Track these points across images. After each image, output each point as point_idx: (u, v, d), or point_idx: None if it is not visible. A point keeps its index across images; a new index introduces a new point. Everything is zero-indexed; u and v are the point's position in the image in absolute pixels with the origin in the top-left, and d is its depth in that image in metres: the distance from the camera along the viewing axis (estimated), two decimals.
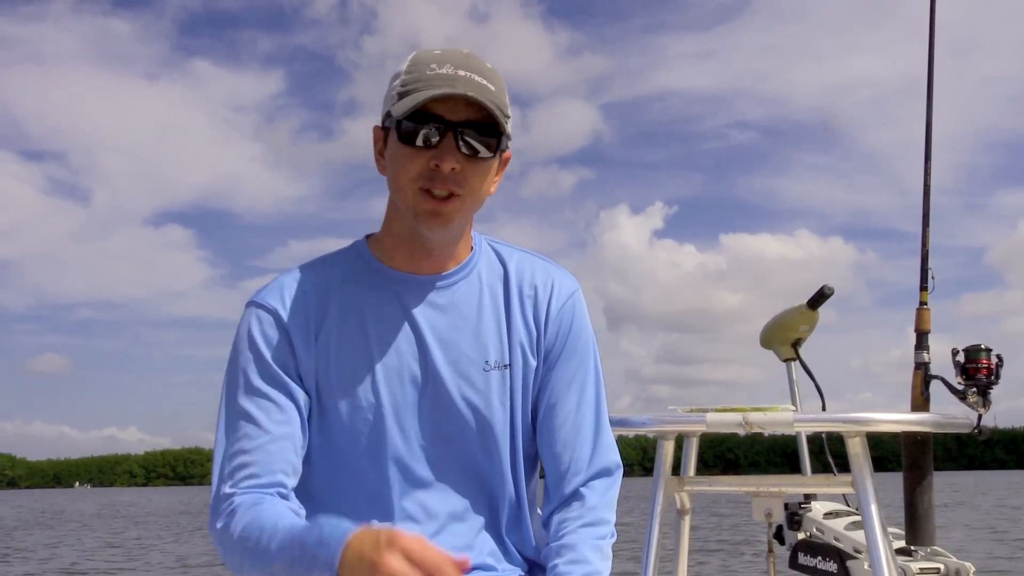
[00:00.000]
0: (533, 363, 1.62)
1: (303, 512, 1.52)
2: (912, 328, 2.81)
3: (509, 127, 1.54)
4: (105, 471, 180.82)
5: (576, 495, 1.61)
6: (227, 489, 1.48)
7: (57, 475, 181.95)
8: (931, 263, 2.85)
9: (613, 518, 1.63)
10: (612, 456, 1.66)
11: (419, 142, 1.48)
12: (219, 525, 1.47)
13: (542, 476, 1.71)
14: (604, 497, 1.63)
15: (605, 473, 1.64)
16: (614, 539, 1.62)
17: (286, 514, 1.44)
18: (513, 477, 1.62)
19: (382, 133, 1.57)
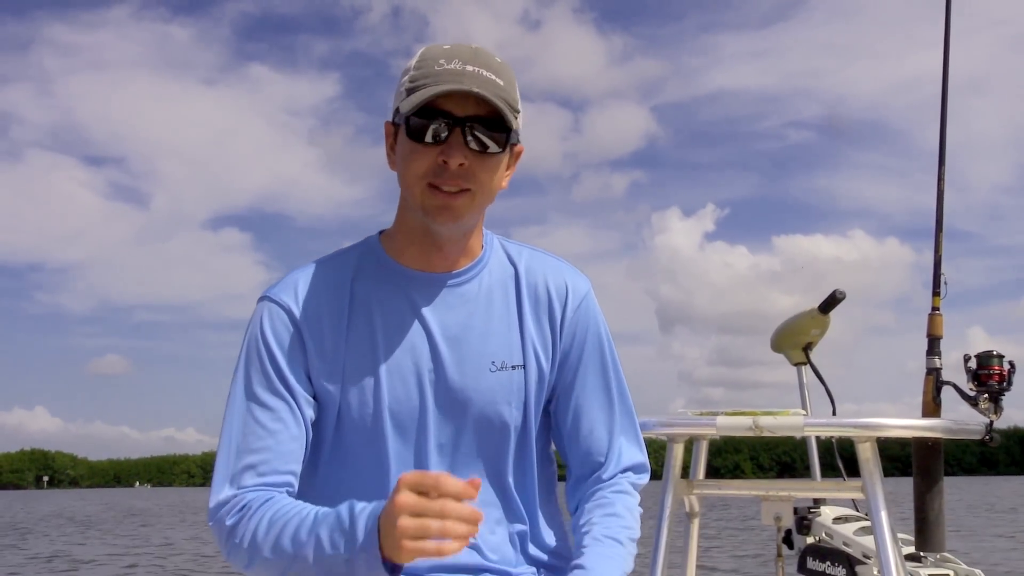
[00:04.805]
0: (546, 365, 1.63)
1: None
2: (972, 336, 2.81)
3: (519, 121, 1.52)
4: (164, 471, 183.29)
5: (610, 480, 1.65)
6: (231, 490, 1.49)
7: (117, 475, 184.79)
8: (980, 264, 2.81)
9: (639, 500, 1.68)
10: (642, 455, 1.70)
11: (427, 138, 1.47)
12: (229, 522, 1.47)
13: (561, 479, 1.72)
14: (636, 486, 1.67)
15: (637, 468, 1.68)
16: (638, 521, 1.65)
17: (305, 505, 1.45)
18: (525, 478, 1.63)
19: (393, 129, 1.56)
